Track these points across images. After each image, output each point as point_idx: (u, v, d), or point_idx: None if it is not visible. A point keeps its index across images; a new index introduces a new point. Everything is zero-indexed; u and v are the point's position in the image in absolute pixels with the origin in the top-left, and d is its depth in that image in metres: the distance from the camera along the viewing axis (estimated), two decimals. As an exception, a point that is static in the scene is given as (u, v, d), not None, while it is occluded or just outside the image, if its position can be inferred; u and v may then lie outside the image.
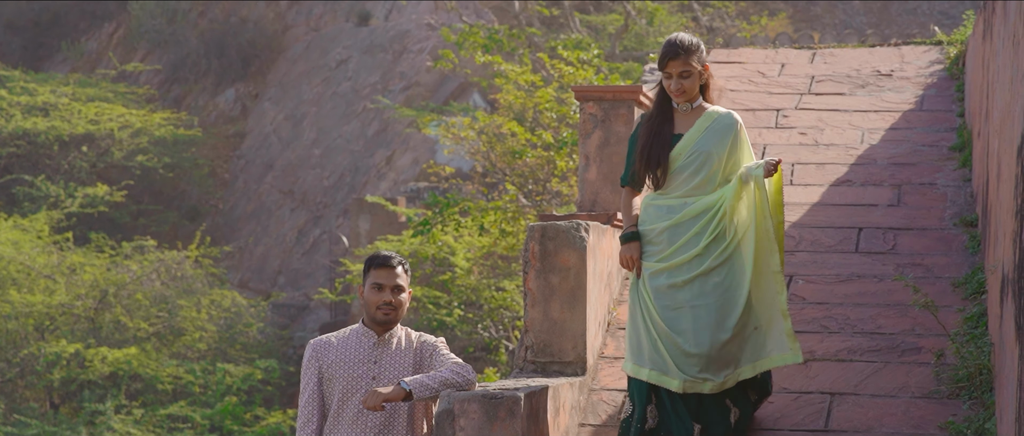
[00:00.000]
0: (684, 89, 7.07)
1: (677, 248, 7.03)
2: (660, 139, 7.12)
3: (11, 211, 28.82)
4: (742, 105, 12.34)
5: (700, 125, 7.12)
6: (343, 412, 6.36)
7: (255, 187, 33.87)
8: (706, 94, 7.21)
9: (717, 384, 7.03)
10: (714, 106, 7.23)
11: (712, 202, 7.04)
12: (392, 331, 6.45)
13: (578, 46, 20.19)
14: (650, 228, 7.12)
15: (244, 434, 21.33)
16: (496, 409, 6.51)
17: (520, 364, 8.20)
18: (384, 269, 6.41)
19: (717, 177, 7.11)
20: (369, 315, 6.40)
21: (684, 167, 7.09)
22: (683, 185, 7.10)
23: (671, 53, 7.04)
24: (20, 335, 22.54)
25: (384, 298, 6.38)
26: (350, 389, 6.36)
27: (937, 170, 10.88)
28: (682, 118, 7.18)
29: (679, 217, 7.04)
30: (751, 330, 7.08)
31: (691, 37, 7.13)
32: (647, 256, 7.10)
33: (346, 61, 34.94)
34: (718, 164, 7.10)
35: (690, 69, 7.05)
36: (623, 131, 9.78)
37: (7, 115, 32.06)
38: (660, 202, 7.13)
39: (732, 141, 7.14)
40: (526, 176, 17.84)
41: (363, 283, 6.45)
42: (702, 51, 7.10)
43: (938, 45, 13.67)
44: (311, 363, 6.43)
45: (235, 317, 25.43)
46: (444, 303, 20.20)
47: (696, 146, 7.08)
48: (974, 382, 7.93)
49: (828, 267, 9.55)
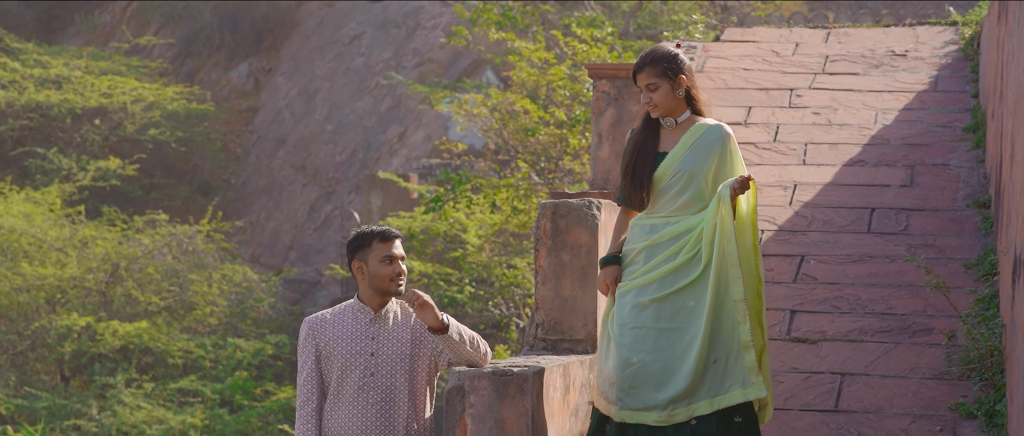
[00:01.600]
0: (654, 103, 6.67)
1: (651, 267, 6.64)
2: (643, 157, 6.74)
3: (23, 184, 28.85)
4: (756, 84, 12.32)
5: (685, 142, 6.70)
6: (343, 389, 6.35)
7: (267, 162, 33.88)
8: (695, 106, 6.76)
9: (664, 416, 6.50)
10: (704, 119, 6.78)
11: (693, 223, 6.60)
12: (388, 306, 6.43)
13: (592, 24, 20.15)
14: (631, 248, 6.76)
15: (254, 409, 21.36)
16: (506, 386, 6.52)
17: (531, 341, 8.20)
18: (389, 242, 6.38)
19: (706, 195, 6.67)
20: (380, 288, 6.36)
21: (669, 187, 6.69)
22: (669, 205, 6.69)
23: (637, 65, 6.71)
24: (31, 308, 22.59)
25: (397, 269, 6.36)
26: (349, 366, 6.35)
27: (950, 151, 10.87)
28: (668, 134, 6.77)
29: (657, 237, 6.66)
30: (710, 363, 6.53)
31: (668, 49, 6.74)
32: (625, 277, 6.73)
33: (359, 37, 34.90)
34: (705, 182, 6.67)
35: (656, 82, 6.64)
36: (637, 110, 9.76)
37: (20, 88, 32.08)
38: (644, 222, 6.75)
39: (719, 156, 6.69)
40: (538, 154, 17.83)
41: (360, 260, 6.39)
42: (678, 63, 6.67)
43: (953, 26, 13.64)
44: (308, 341, 6.41)
45: (246, 292, 25.46)
46: (455, 280, 20.21)
47: (680, 165, 6.67)
48: (985, 364, 7.93)
49: (840, 247, 9.54)
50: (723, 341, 6.53)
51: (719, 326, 6.53)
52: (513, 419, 6.52)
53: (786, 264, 9.38)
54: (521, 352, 8.13)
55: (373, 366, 6.35)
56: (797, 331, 8.60)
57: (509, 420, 6.52)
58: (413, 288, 6.46)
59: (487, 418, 6.52)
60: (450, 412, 6.57)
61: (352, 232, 6.51)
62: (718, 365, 6.52)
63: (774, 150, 11.12)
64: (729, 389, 6.49)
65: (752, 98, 12.06)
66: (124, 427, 20.19)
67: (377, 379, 6.34)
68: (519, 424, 6.52)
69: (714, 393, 6.49)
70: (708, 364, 6.50)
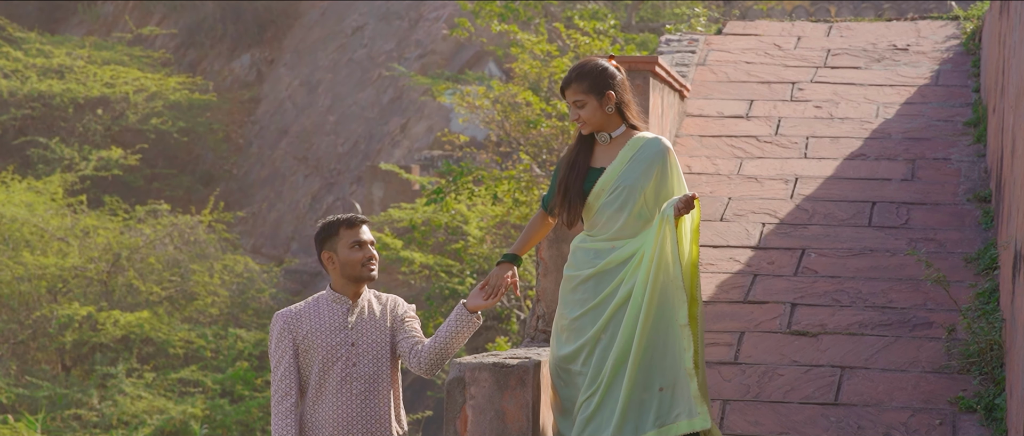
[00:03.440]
0: (582, 120, 6.43)
1: (603, 298, 6.37)
2: (574, 173, 6.49)
3: (25, 173, 28.85)
4: (757, 77, 12.34)
5: (623, 156, 6.44)
6: (325, 383, 6.24)
7: (269, 153, 33.88)
8: (630, 120, 6.52)
9: None
10: (642, 132, 6.53)
11: (635, 248, 6.35)
12: (363, 295, 6.34)
13: (594, 16, 20.15)
14: (576, 274, 6.49)
15: (255, 399, 21.36)
16: (507, 378, 6.53)
17: (532, 333, 8.22)
18: (356, 227, 6.29)
19: (645, 213, 6.42)
20: (353, 275, 6.26)
21: (608, 204, 6.43)
22: (609, 225, 6.43)
23: (563, 81, 6.47)
24: (33, 297, 22.59)
25: (367, 254, 6.27)
26: (330, 359, 6.23)
27: (951, 145, 10.88)
28: (603, 150, 6.52)
29: (603, 264, 6.40)
30: (656, 391, 6.30)
31: (596, 63, 6.49)
32: (574, 304, 6.46)
33: (362, 28, 34.90)
34: (644, 199, 6.41)
35: (583, 99, 6.41)
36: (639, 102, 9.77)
37: (23, 77, 32.07)
38: (588, 246, 6.50)
39: (659, 171, 6.43)
40: (540, 146, 17.83)
41: (329, 250, 6.31)
42: (606, 78, 6.43)
43: (955, 20, 13.65)
44: (284, 335, 6.27)
45: (247, 282, 25.45)
46: (456, 272, 20.22)
47: (618, 180, 6.42)
48: (985, 358, 7.95)
49: (841, 241, 9.55)
50: (669, 368, 6.29)
51: (665, 352, 6.30)
52: (514, 410, 6.54)
53: (787, 257, 9.40)
54: (522, 344, 8.15)
55: (354, 357, 6.25)
56: (797, 324, 8.61)
57: (510, 411, 6.54)
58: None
59: (488, 409, 6.54)
60: (451, 403, 6.58)
61: (318, 224, 6.38)
62: (666, 393, 6.29)
63: (775, 143, 11.13)
64: (676, 419, 6.28)
65: (754, 91, 12.08)
66: (125, 417, 20.19)
67: (359, 370, 6.25)
68: (520, 416, 6.53)
69: (663, 422, 6.28)
70: (652, 394, 6.27)
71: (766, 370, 8.17)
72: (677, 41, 13.14)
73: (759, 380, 8.08)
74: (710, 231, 9.72)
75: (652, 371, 6.29)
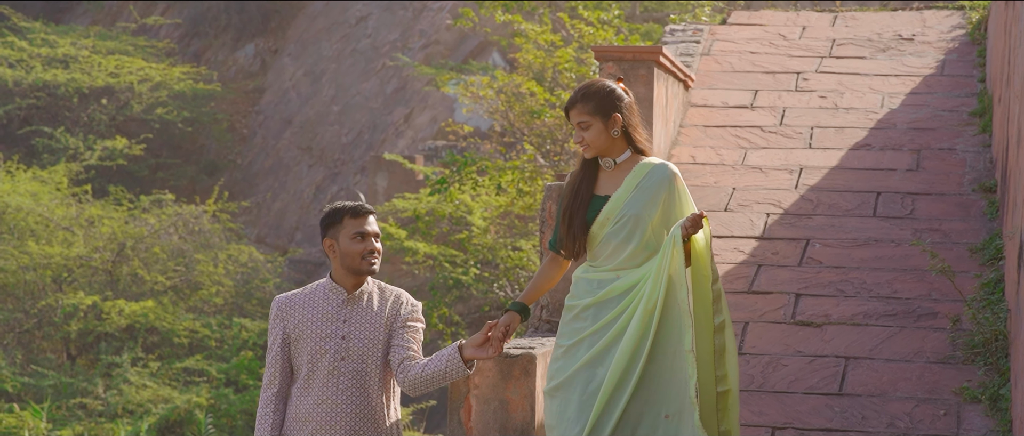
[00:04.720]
0: (586, 142, 6.11)
1: (602, 326, 6.08)
2: (578, 200, 6.18)
3: (30, 163, 28.88)
4: (762, 67, 12.32)
5: (628, 183, 6.12)
6: (314, 373, 6.02)
7: (273, 143, 33.90)
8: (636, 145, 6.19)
9: None
10: (648, 158, 6.19)
11: (639, 277, 6.05)
12: (363, 287, 6.09)
13: (598, 6, 20.13)
14: (577, 303, 6.17)
15: (259, 388, 21.38)
16: (511, 368, 6.53)
17: (535, 324, 8.22)
18: (361, 217, 6.04)
19: (653, 243, 6.09)
20: (352, 267, 6.02)
21: (614, 234, 6.11)
22: (614, 255, 6.12)
23: (569, 101, 6.16)
24: (38, 286, 22.63)
25: (369, 246, 6.01)
26: (320, 349, 6.01)
27: (957, 135, 10.87)
28: (608, 177, 6.20)
29: (604, 293, 6.10)
30: (661, 419, 6.01)
31: (603, 84, 6.17)
32: (571, 332, 6.15)
33: (366, 18, 34.89)
34: (651, 228, 6.09)
35: (588, 120, 6.09)
36: (643, 92, 9.77)
37: (27, 67, 32.10)
38: (590, 276, 6.18)
39: (666, 197, 6.11)
40: (544, 136, 17.82)
41: (331, 237, 6.08)
42: (613, 100, 6.13)
43: (960, 10, 13.64)
44: (276, 322, 6.09)
45: (252, 272, 25.47)
46: (460, 262, 20.21)
47: (624, 209, 6.10)
48: (990, 348, 7.94)
49: (845, 231, 9.55)
50: (674, 396, 6.01)
51: (671, 378, 6.02)
52: (517, 400, 6.54)
53: (791, 247, 9.39)
54: (526, 334, 8.14)
55: (344, 350, 6.01)
56: (802, 314, 8.61)
57: (513, 401, 6.54)
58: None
59: (492, 399, 6.54)
60: (455, 393, 6.58)
61: (325, 209, 6.17)
62: (671, 422, 6.00)
63: (780, 133, 11.12)
64: None
65: (759, 81, 12.06)
66: (130, 406, 20.22)
67: (348, 363, 6.00)
68: (523, 405, 6.53)
69: None
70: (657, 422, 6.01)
71: (770, 360, 8.17)
72: (681, 31, 13.13)
73: (763, 370, 8.07)
74: (714, 221, 9.71)
75: (657, 398, 6.04)
